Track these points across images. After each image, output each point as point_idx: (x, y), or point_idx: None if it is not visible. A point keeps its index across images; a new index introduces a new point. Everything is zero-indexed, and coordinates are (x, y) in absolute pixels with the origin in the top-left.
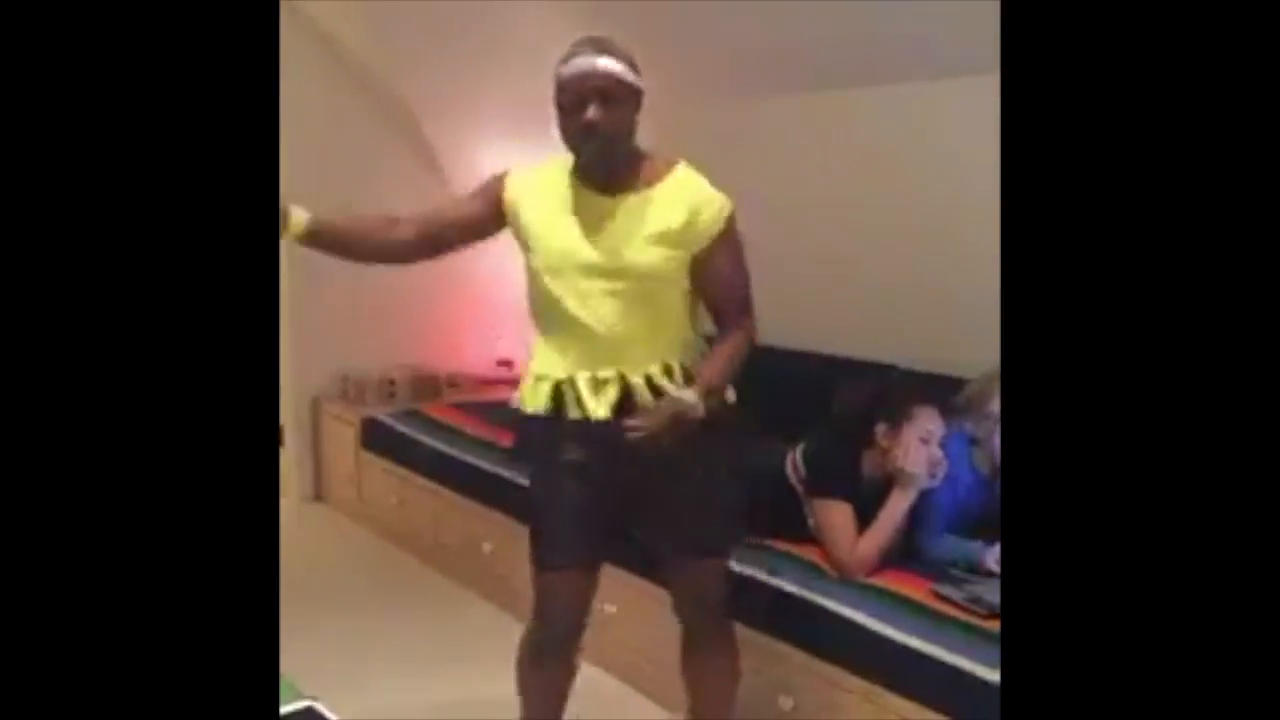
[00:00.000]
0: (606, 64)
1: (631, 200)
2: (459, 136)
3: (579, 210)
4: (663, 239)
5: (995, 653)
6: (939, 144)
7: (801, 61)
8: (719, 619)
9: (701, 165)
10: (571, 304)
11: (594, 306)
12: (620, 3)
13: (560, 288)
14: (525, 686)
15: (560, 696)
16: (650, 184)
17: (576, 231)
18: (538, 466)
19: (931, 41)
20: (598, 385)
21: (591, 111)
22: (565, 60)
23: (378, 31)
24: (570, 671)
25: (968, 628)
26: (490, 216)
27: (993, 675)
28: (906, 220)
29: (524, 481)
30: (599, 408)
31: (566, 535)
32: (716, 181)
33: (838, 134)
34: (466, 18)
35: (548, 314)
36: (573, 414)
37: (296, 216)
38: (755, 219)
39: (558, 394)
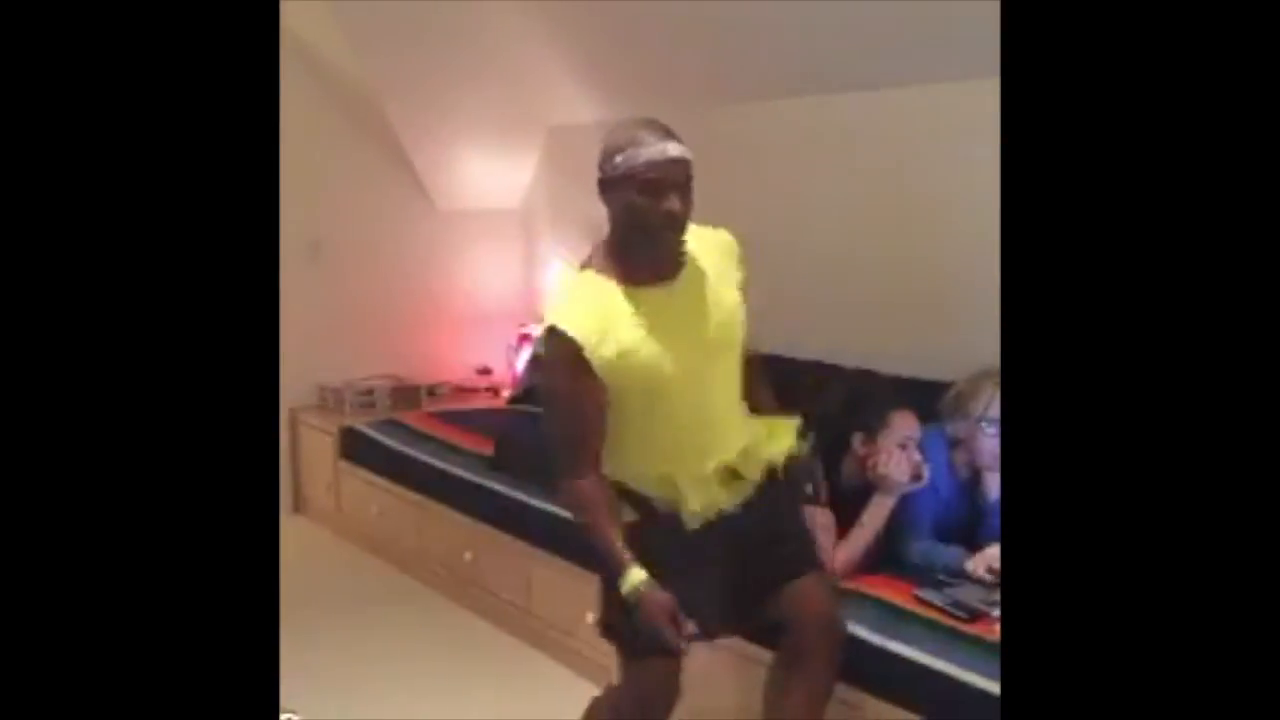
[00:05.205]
0: (682, 152)
1: (680, 280)
2: (436, 147)
3: (656, 313)
4: (728, 302)
5: (976, 657)
6: (935, 148)
7: (795, 66)
8: (835, 630)
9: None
10: (685, 404)
11: (703, 397)
12: (610, 11)
13: (668, 395)
14: None
15: None
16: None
17: (665, 336)
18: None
19: (929, 46)
20: (733, 471)
21: (675, 203)
22: (632, 144)
23: (354, 43)
24: None
25: (949, 632)
26: (603, 385)
27: (974, 679)
28: (898, 225)
29: (503, 490)
30: (734, 497)
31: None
32: (704, 186)
33: (831, 139)
34: (444, 29)
35: (649, 429)
36: (695, 507)
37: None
38: (746, 224)
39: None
